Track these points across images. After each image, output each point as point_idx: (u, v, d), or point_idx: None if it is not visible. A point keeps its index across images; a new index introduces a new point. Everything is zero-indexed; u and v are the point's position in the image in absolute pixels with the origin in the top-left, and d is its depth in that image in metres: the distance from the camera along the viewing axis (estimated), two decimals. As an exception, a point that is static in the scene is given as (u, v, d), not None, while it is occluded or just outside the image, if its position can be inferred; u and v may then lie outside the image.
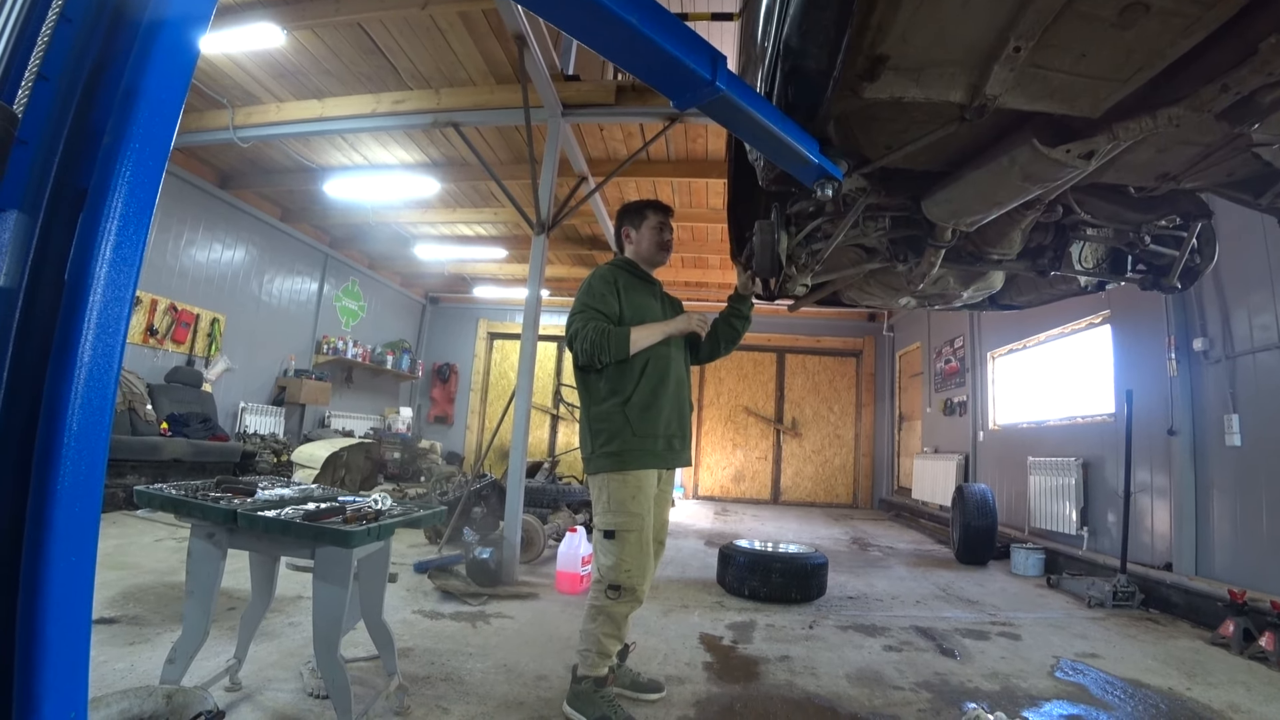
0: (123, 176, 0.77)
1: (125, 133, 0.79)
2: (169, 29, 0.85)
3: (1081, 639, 3.52)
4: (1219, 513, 4.20)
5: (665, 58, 1.14)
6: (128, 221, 0.78)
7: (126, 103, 0.81)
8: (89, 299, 0.77)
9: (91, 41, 0.84)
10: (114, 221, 0.75)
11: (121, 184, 0.77)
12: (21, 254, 0.79)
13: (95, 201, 0.77)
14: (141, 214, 0.81)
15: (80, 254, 0.74)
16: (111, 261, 0.75)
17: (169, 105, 0.86)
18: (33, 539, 0.73)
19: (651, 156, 6.23)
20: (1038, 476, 6.03)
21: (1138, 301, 4.89)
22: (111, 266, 0.75)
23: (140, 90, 0.82)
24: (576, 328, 2.31)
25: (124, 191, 0.78)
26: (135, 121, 0.80)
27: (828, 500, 11.11)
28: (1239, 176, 1.97)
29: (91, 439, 0.74)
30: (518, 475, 4.35)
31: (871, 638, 3.38)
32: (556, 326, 11.70)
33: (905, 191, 2.05)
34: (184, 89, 0.89)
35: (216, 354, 7.39)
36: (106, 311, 0.74)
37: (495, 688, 2.46)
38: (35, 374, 0.77)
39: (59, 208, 0.79)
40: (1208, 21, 1.20)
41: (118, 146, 0.79)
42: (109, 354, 0.74)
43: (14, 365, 0.76)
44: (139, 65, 0.83)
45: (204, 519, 1.94)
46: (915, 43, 1.28)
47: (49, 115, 0.81)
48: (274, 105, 5.67)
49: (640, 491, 2.29)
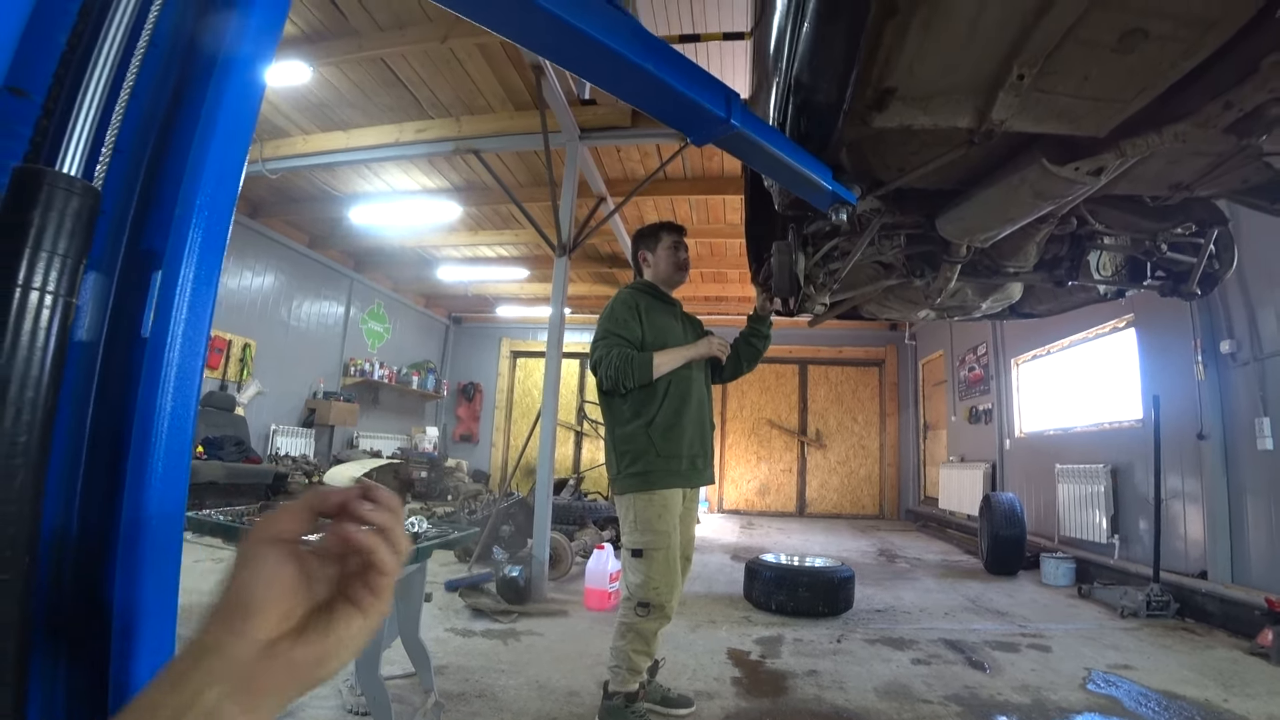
0: (195, 241, 0.85)
1: (195, 200, 0.87)
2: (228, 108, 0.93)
3: (1114, 650, 3.49)
4: (1254, 518, 4.13)
5: (682, 100, 1.20)
6: (200, 281, 0.86)
7: (195, 172, 0.88)
8: (166, 355, 0.84)
9: (155, 115, 0.93)
10: (189, 283, 0.83)
11: (194, 248, 0.84)
12: (100, 312, 0.87)
13: (171, 264, 0.84)
14: (211, 273, 0.88)
15: (160, 312, 0.81)
16: (187, 319, 0.82)
17: (232, 172, 0.94)
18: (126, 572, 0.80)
19: (669, 175, 6.32)
20: (1066, 484, 5.95)
21: (1161, 305, 4.84)
22: (187, 324, 0.82)
23: (206, 161, 0.90)
24: (600, 354, 2.38)
25: (196, 254, 0.86)
26: (203, 190, 0.88)
27: (854, 512, 11.03)
28: (1253, 183, 1.97)
29: (174, 480, 0.81)
30: (545, 493, 4.41)
31: (899, 651, 3.38)
32: (580, 344, 11.80)
33: (919, 210, 2.09)
34: (244, 155, 0.97)
35: (248, 378, 7.58)
36: (184, 364, 0.82)
37: (528, 704, 2.51)
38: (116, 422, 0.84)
39: (131, 270, 0.87)
40: (1207, 44, 1.24)
41: (189, 211, 0.87)
42: (187, 404, 0.82)
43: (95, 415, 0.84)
44: (204, 137, 0.91)
45: (249, 543, 2.02)
46: (921, 74, 1.33)
47: (122, 186, 0.90)
48: (301, 137, 5.86)
49: (666, 510, 2.33)
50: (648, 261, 2.66)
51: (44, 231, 0.73)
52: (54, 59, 0.80)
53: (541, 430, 4.49)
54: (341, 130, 5.74)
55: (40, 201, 0.72)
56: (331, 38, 4.60)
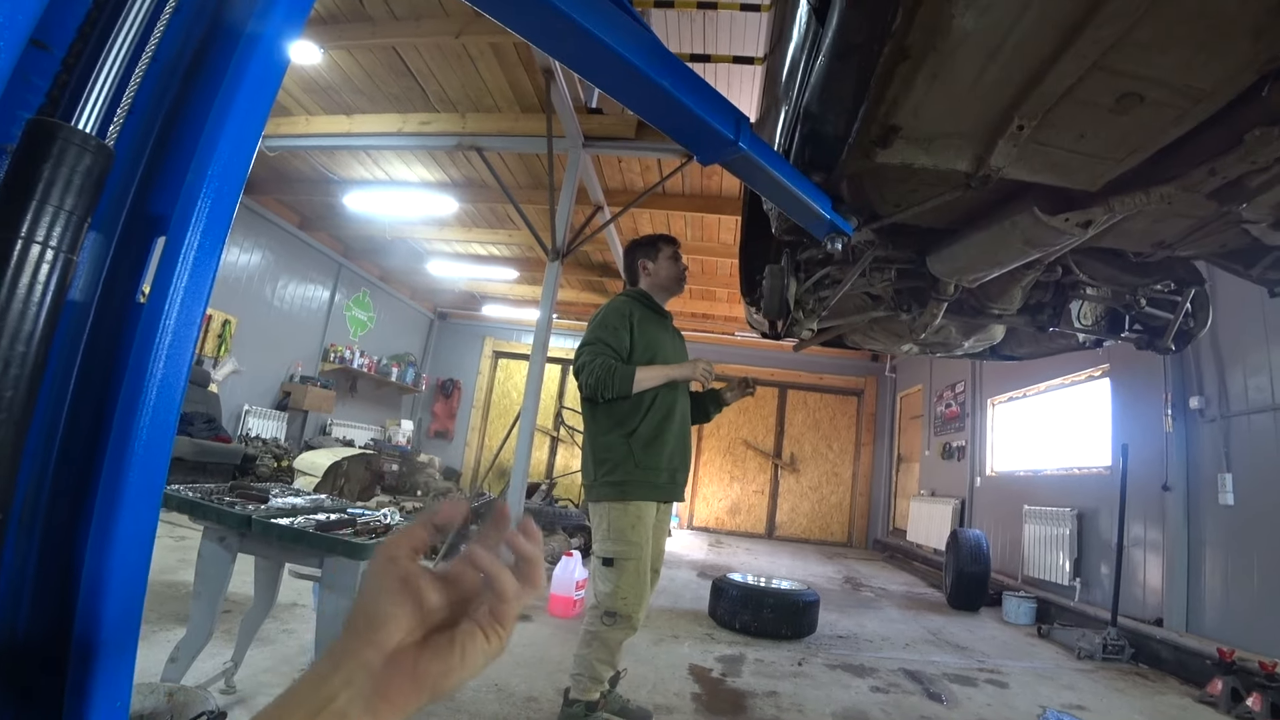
0: (203, 209, 0.85)
1: (208, 168, 0.88)
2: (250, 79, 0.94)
3: (1069, 690, 3.54)
4: (1211, 570, 4.23)
5: (693, 119, 1.22)
6: (204, 250, 0.86)
7: (211, 138, 0.89)
8: (163, 321, 0.84)
9: (174, 79, 0.93)
10: (192, 250, 0.83)
11: (201, 216, 0.85)
12: (95, 273, 0.87)
13: (176, 230, 0.85)
14: (215, 244, 0.89)
15: (160, 279, 0.82)
16: (187, 287, 0.83)
17: (248, 142, 0.95)
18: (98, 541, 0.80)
19: (667, 190, 6.38)
20: (1033, 525, 6.05)
21: (1136, 358, 4.95)
22: (186, 292, 0.83)
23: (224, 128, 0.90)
24: (585, 360, 2.38)
25: (203, 222, 0.86)
26: (217, 159, 0.88)
27: (822, 538, 11.09)
28: (1231, 248, 2.05)
29: (158, 450, 0.81)
30: (517, 495, 4.40)
31: (859, 678, 3.41)
32: (564, 349, 11.80)
33: (912, 246, 2.14)
34: (263, 123, 0.97)
35: (225, 355, 7.48)
36: (180, 333, 0.82)
37: (486, 706, 2.49)
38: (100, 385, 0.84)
39: (134, 232, 0.87)
40: (1197, 113, 1.29)
41: (201, 180, 0.87)
42: (178, 373, 0.82)
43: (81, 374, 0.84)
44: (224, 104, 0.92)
45: (219, 523, 2.00)
46: (926, 117, 1.38)
47: (134, 147, 0.90)
48: (303, 118, 5.84)
49: (640, 521, 2.34)
50: (647, 270, 2.66)
51: (53, 185, 0.72)
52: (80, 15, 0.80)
53: (519, 432, 4.49)
54: (345, 115, 5.72)
55: (52, 155, 0.72)
56: (345, 21, 4.60)
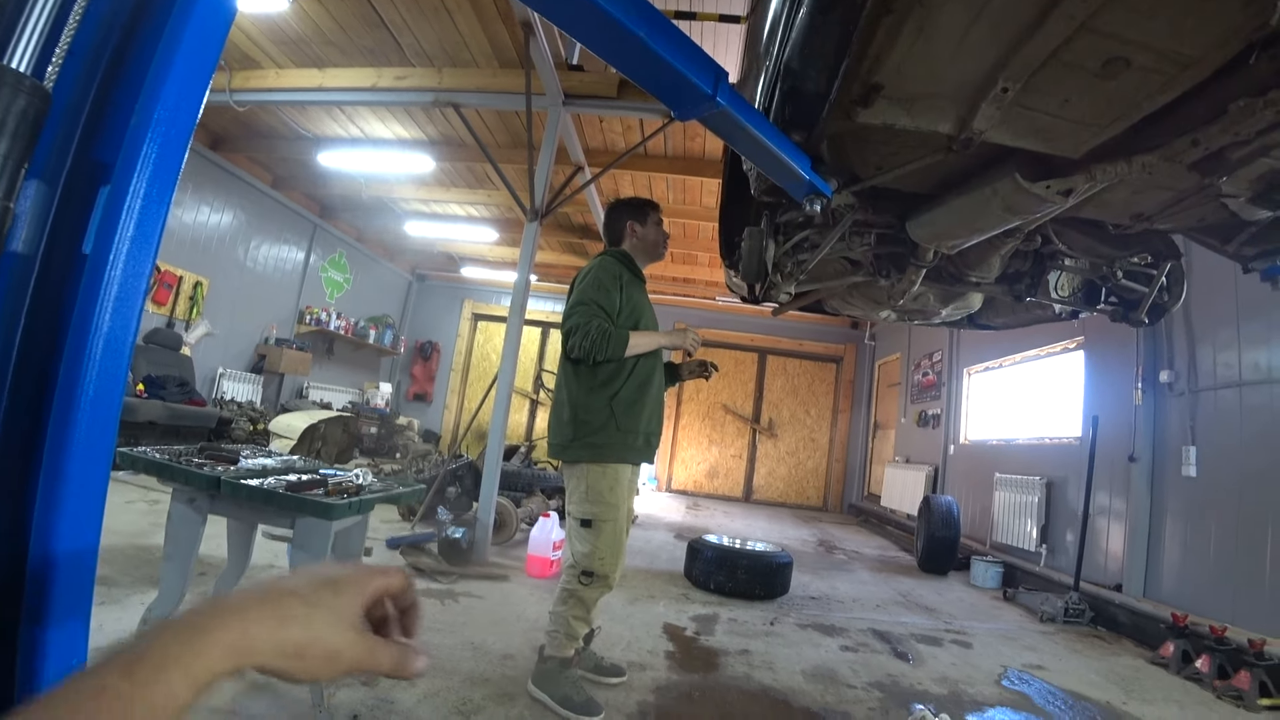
0: (149, 156, 0.80)
1: (153, 113, 0.83)
2: (198, 16, 0.88)
3: (1030, 651, 3.65)
4: (1170, 539, 4.35)
5: (670, 71, 1.19)
6: (151, 199, 0.82)
7: (156, 81, 0.84)
8: (107, 273, 0.80)
9: (118, 17, 0.88)
10: (138, 199, 0.79)
11: (148, 163, 0.80)
12: (40, 223, 0.83)
13: (121, 178, 0.80)
14: (164, 192, 0.84)
15: (104, 228, 0.78)
16: (133, 238, 0.79)
17: (197, 85, 0.90)
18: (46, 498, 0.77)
19: (649, 151, 6.27)
20: (1003, 492, 6.18)
21: (1110, 331, 5.02)
22: (133, 243, 0.79)
23: (170, 70, 0.85)
24: (577, 321, 2.33)
25: (149, 170, 0.81)
26: (163, 102, 0.83)
27: (798, 502, 11.27)
28: (1209, 222, 2.06)
29: (106, 406, 0.78)
30: (495, 457, 4.39)
31: (830, 637, 3.49)
32: (543, 312, 11.72)
33: (892, 211, 2.13)
34: (212, 69, 0.92)
35: (198, 317, 7.32)
36: (126, 285, 0.78)
37: (461, 664, 2.52)
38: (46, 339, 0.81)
39: (78, 181, 0.83)
40: (1183, 81, 1.28)
41: (145, 124, 0.82)
42: (125, 326, 0.79)
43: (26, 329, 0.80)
44: (170, 45, 0.86)
45: (187, 484, 1.97)
46: (909, 75, 1.34)
47: (74, 90, 0.85)
48: (273, 71, 5.63)
49: (618, 483, 2.36)
50: (635, 233, 2.60)
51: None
52: (7, -52, 0.74)
53: (497, 395, 4.46)
54: (317, 68, 5.52)
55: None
56: (313, -33, 4.41)
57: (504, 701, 2.26)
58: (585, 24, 1.15)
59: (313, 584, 0.46)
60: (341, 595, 0.46)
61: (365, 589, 0.48)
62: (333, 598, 0.46)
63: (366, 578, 0.49)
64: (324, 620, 0.44)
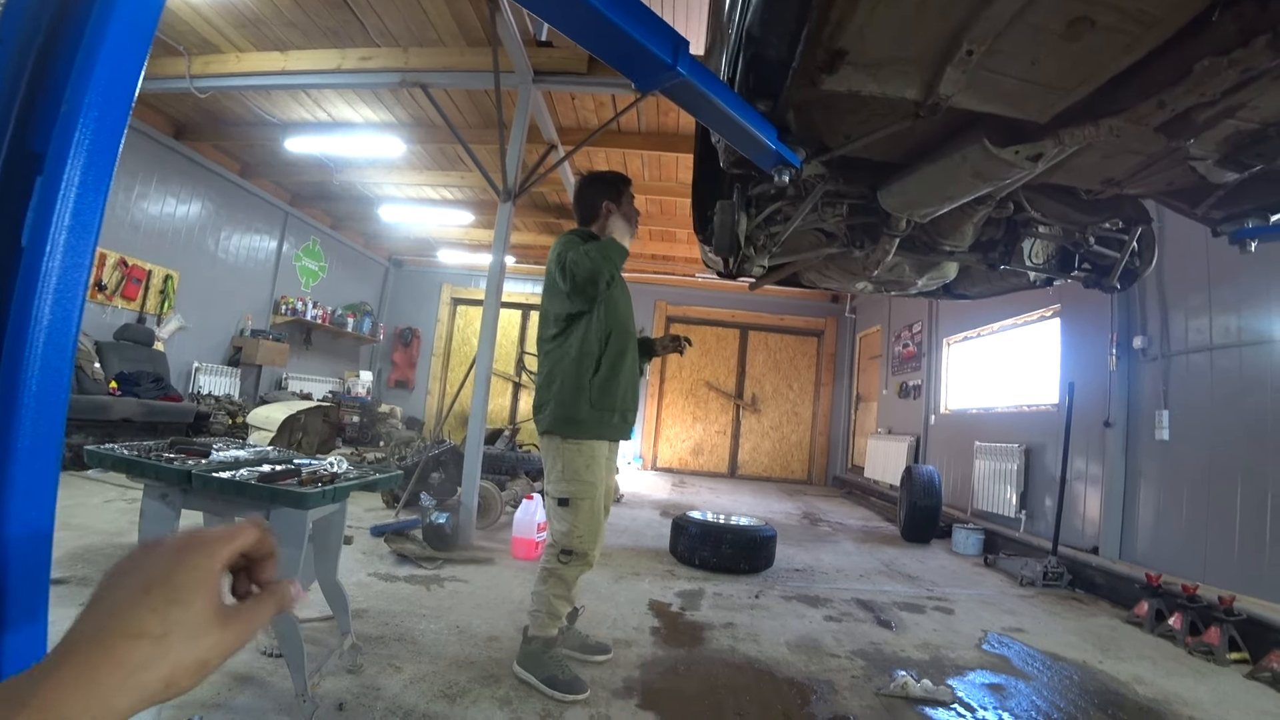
0: (82, 143, 0.77)
1: (84, 98, 0.79)
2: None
3: (1010, 615, 3.72)
4: (1144, 501, 4.44)
5: (628, 42, 1.16)
6: (87, 187, 0.79)
7: (86, 65, 0.80)
8: (45, 264, 0.77)
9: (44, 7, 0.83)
10: (73, 188, 0.76)
11: (81, 150, 0.77)
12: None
13: (54, 167, 0.77)
14: (100, 179, 0.81)
15: (39, 219, 0.74)
16: (70, 227, 0.75)
17: (130, 67, 0.86)
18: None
19: (622, 128, 6.20)
20: (983, 460, 6.26)
21: (1085, 298, 5.07)
22: (70, 232, 0.75)
23: (100, 53, 0.81)
24: (572, 257, 2.30)
25: (83, 157, 0.78)
26: (94, 87, 0.80)
27: (783, 475, 11.37)
28: (1178, 186, 2.06)
29: (51, 399, 0.75)
30: (476, 441, 4.37)
31: (814, 608, 3.53)
32: (521, 294, 11.65)
33: (863, 180, 2.11)
34: (145, 50, 0.88)
35: (169, 312, 7.18)
36: (65, 276, 0.75)
37: (447, 648, 2.52)
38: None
39: (13, 173, 0.79)
40: (1148, 40, 1.26)
41: (76, 111, 0.79)
42: (67, 317, 0.76)
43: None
44: (99, 26, 0.83)
45: (157, 479, 1.93)
46: (873, 40, 1.32)
47: (5, 81, 0.80)
48: (234, 55, 5.47)
49: (594, 461, 2.37)
50: (611, 213, 2.50)
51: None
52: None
53: (476, 378, 4.43)
54: (279, 50, 5.37)
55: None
56: (270, -54, 4.27)
57: (490, 683, 2.26)
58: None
59: (149, 600, 0.39)
60: (185, 599, 0.40)
61: (210, 575, 0.42)
62: (180, 611, 0.39)
63: (207, 561, 0.42)
64: (177, 642, 0.39)
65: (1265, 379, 3.64)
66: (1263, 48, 1.19)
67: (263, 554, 0.48)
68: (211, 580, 0.42)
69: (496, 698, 2.17)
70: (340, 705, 2.00)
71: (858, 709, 2.32)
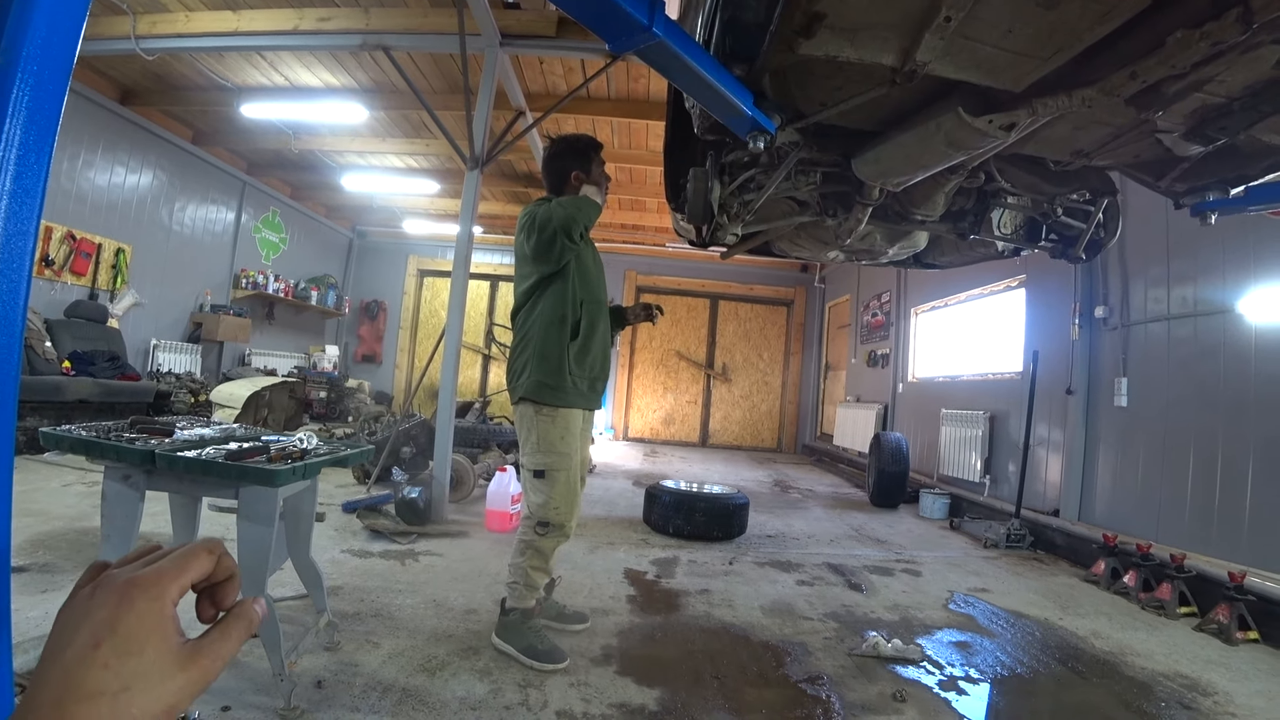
0: (21, 100, 0.72)
1: (20, 50, 0.74)
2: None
3: (975, 575, 3.84)
4: (1103, 465, 4.59)
5: (603, 1, 1.12)
6: (28, 149, 0.74)
7: (21, 17, 0.75)
8: (-14, 232, 0.73)
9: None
10: (13, 149, 0.71)
11: (19, 108, 0.72)
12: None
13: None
14: (43, 139, 0.76)
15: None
16: (11, 192, 0.71)
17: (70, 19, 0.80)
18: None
19: (592, 94, 6.08)
20: (949, 427, 6.41)
21: (1051, 269, 5.17)
22: (12, 199, 0.71)
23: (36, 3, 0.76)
24: (544, 211, 2.29)
25: (22, 115, 0.73)
26: (31, 39, 0.75)
27: (754, 444, 11.52)
28: (1144, 159, 2.09)
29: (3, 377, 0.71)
30: (447, 415, 4.33)
31: (786, 573, 3.60)
32: (490, 265, 11.49)
33: (837, 148, 2.10)
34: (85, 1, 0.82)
35: (123, 287, 6.91)
36: (9, 246, 0.71)
37: (425, 622, 2.51)
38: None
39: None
40: (1122, 10, 1.27)
41: (13, 65, 0.73)
42: (14, 291, 0.71)
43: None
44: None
45: (119, 460, 1.87)
46: (852, 4, 1.30)
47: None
48: (182, 14, 5.20)
49: (569, 431, 2.36)
50: (580, 182, 2.48)
51: None
52: None
53: (445, 350, 4.37)
54: (230, 10, 5.12)
55: None
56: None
57: (469, 655, 2.27)
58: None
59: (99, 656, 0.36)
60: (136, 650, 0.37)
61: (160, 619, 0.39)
62: (135, 663, 0.37)
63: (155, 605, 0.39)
64: (139, 695, 0.36)
65: (1218, 347, 3.77)
66: (1233, 21, 1.20)
67: (222, 577, 0.45)
68: (163, 624, 0.39)
69: (476, 669, 2.17)
70: (319, 683, 1.99)
71: (831, 669, 2.38)
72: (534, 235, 2.29)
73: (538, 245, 2.30)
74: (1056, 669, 2.54)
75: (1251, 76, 1.48)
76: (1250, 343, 3.57)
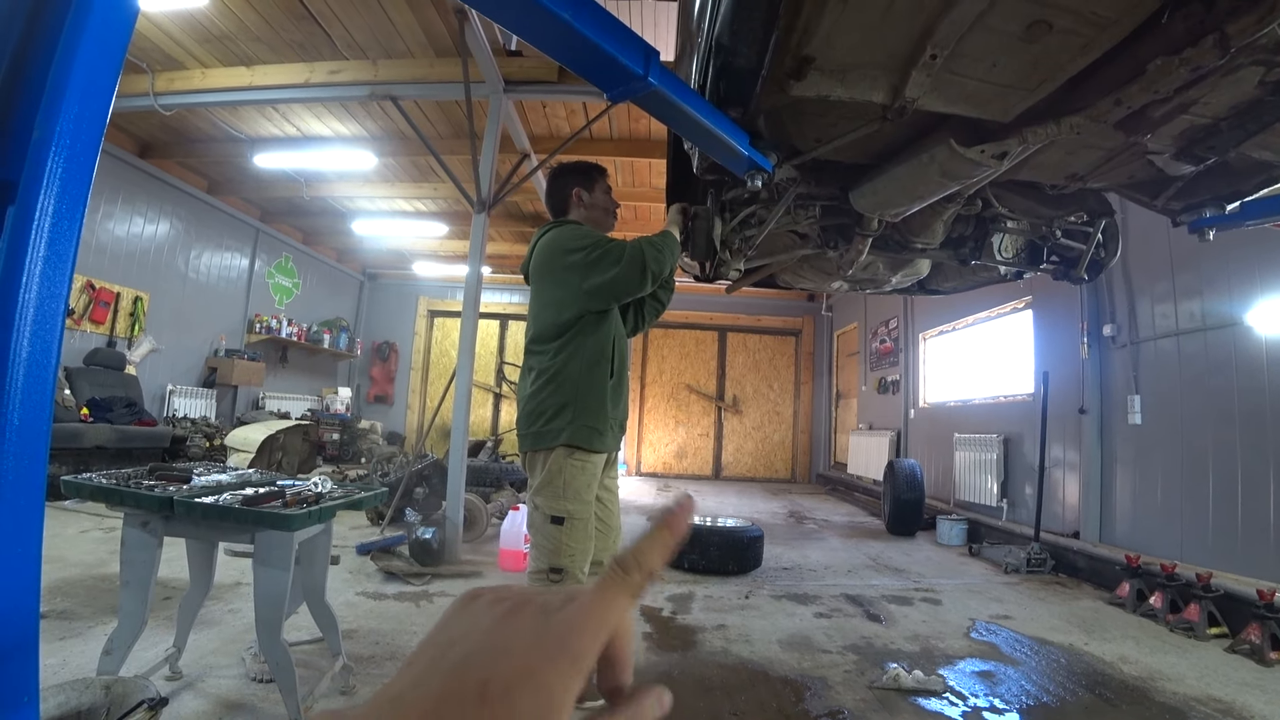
0: (55, 171, 0.76)
1: (55, 125, 0.78)
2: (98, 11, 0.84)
3: (996, 602, 3.78)
4: (1121, 485, 4.54)
5: (599, 53, 1.17)
6: (61, 216, 0.78)
7: (56, 92, 0.80)
8: (21, 296, 0.76)
9: (12, 27, 0.83)
10: (47, 217, 0.75)
11: (54, 179, 0.76)
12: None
13: (27, 198, 0.76)
14: (75, 207, 0.80)
15: (13, 251, 0.74)
16: (46, 258, 0.75)
17: (101, 92, 0.85)
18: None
19: (595, 135, 6.21)
20: (963, 452, 6.35)
21: (1056, 289, 5.17)
22: (46, 263, 0.75)
23: (70, 79, 0.81)
24: (617, 253, 2.11)
25: (56, 186, 0.77)
26: (65, 113, 0.79)
27: (767, 475, 11.43)
28: (1138, 179, 2.12)
29: (33, 433, 0.74)
30: (459, 454, 4.34)
31: (803, 606, 3.55)
32: (499, 304, 11.61)
33: (834, 182, 2.14)
34: (116, 75, 0.88)
35: (140, 334, 7.05)
36: (43, 307, 0.75)
37: (438, 665, 2.49)
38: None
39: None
40: (1103, 41, 1.31)
41: (48, 138, 0.78)
42: (47, 349, 0.75)
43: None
44: (68, 51, 0.82)
45: (138, 508, 1.90)
46: (839, 46, 1.35)
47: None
48: (199, 71, 5.40)
49: (594, 477, 2.22)
50: (582, 201, 2.39)
51: None
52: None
53: (456, 390, 4.41)
54: (245, 66, 5.32)
55: None
56: (232, -38, 4.23)
57: (483, 698, 2.24)
58: (510, 8, 1.13)
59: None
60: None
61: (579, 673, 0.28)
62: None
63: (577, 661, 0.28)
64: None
65: (1230, 361, 3.75)
66: (1210, 46, 1.24)
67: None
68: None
69: (491, 711, 2.15)
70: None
71: (851, 703, 2.34)
72: (608, 270, 2.11)
73: (614, 283, 2.11)
74: (1085, 697, 2.48)
75: (1235, 97, 1.51)
76: (1262, 355, 3.56)
